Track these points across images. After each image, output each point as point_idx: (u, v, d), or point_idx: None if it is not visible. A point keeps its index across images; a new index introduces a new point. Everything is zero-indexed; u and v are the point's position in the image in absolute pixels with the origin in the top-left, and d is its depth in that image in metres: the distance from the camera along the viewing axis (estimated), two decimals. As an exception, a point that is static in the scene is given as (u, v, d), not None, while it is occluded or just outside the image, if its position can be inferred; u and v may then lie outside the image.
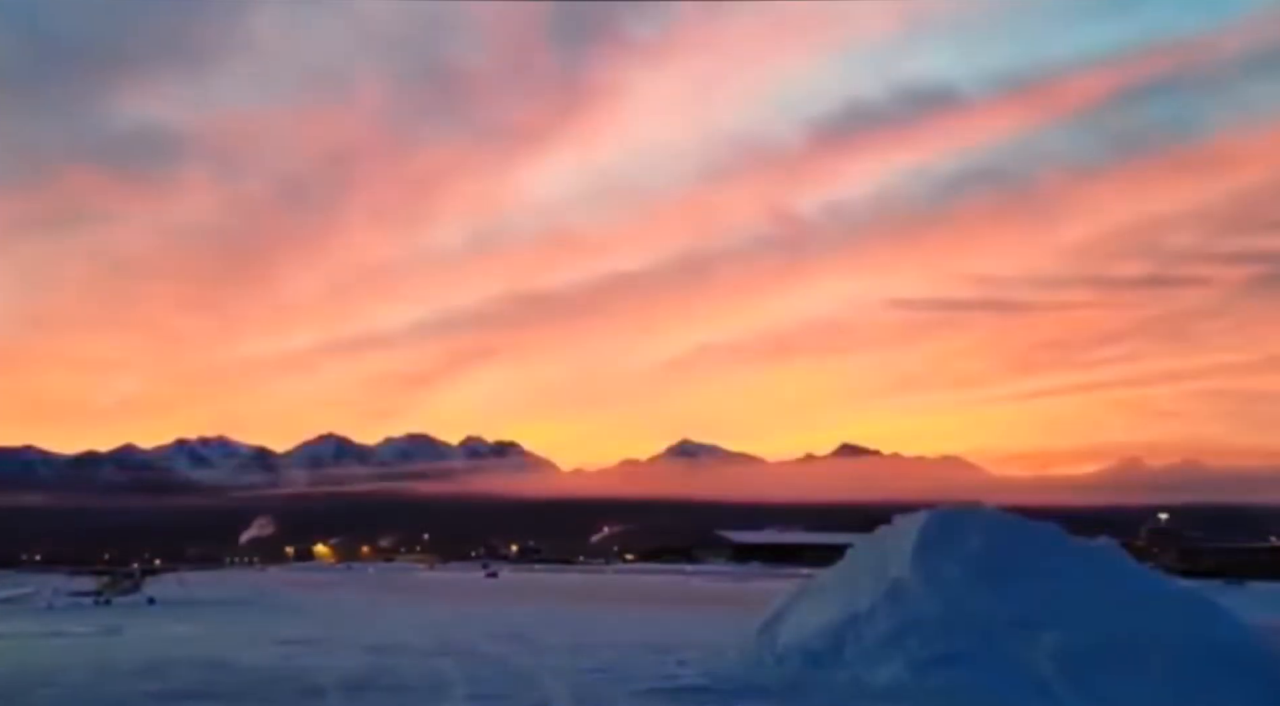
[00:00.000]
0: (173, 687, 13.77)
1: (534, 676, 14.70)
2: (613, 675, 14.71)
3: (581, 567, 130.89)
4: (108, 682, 14.27)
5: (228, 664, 16.52)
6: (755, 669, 14.55)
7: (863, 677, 13.09)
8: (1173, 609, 13.97)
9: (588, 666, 15.79)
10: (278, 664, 16.55)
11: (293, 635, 22.47)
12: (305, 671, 15.38)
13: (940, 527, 15.49)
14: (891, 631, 13.72)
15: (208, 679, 14.61)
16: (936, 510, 16.29)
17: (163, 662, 16.65)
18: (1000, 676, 12.48)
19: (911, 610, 13.97)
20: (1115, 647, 12.54)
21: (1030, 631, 13.01)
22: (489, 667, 15.85)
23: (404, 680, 14.33)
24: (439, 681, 14.18)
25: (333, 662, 16.59)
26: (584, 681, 14.13)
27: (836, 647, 13.95)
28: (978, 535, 15.18)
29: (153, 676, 14.89)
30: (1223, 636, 13.32)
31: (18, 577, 65.28)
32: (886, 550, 15.61)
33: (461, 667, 15.75)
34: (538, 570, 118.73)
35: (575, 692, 13.17)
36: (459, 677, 14.51)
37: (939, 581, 14.30)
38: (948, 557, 14.72)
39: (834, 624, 14.39)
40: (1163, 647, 12.59)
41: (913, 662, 13.01)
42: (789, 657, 14.37)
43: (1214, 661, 12.52)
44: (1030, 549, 15.05)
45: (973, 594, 13.92)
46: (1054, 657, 12.50)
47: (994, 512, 17.51)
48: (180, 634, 23.70)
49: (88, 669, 15.80)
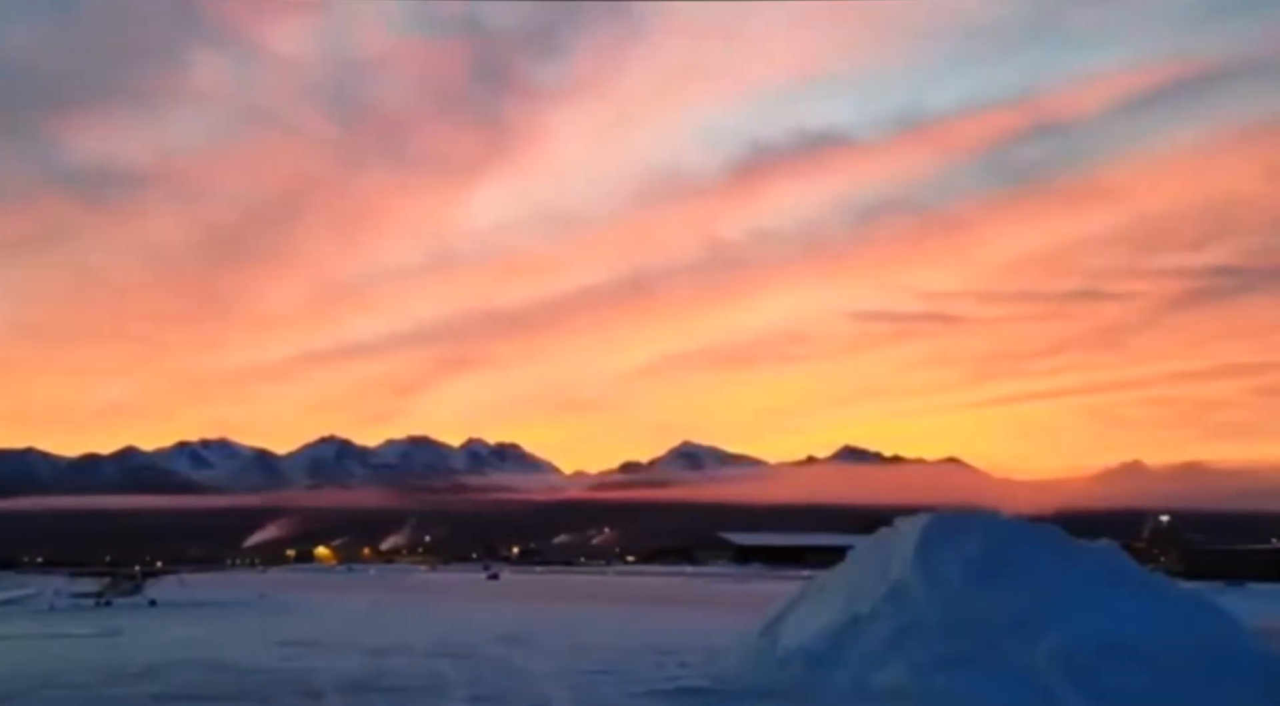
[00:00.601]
0: (174, 689, 13.78)
1: (534, 678, 14.71)
2: (614, 677, 14.72)
3: (582, 569, 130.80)
4: (109, 684, 14.29)
5: (229, 665, 16.54)
6: (756, 671, 14.54)
7: (864, 679, 13.09)
8: (1173, 611, 13.96)
9: (588, 668, 15.80)
10: (279, 665, 16.57)
11: (294, 637, 22.49)
12: (306, 673, 15.40)
13: (941, 530, 15.48)
14: (893, 633, 13.71)
15: (209, 680, 14.63)
16: (937, 513, 16.30)
17: (164, 664, 16.66)
18: (1001, 678, 12.48)
19: (912, 612, 13.97)
20: (1116, 649, 12.54)
21: (1031, 633, 13.00)
22: (489, 669, 15.86)
23: (404, 681, 14.34)
24: (439, 683, 14.19)
25: (334, 664, 16.60)
26: (585, 683, 14.14)
27: (838, 649, 13.94)
28: (978, 538, 15.17)
29: (154, 678, 14.91)
30: (1223, 638, 13.32)
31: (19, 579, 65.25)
32: (888, 552, 15.60)
33: (462, 669, 15.77)
34: (538, 572, 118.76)
35: (576, 694, 13.18)
36: (459, 679, 14.52)
37: (940, 583, 14.29)
38: (949, 560, 14.71)
39: (835, 626, 14.39)
40: (1163, 649, 12.59)
41: (914, 664, 13.01)
42: (790, 659, 14.36)
43: (1215, 663, 12.51)
44: (1031, 551, 15.03)
45: (974, 596, 13.92)
46: (1055, 659, 12.49)
47: (994, 515, 17.53)
48: (181, 635, 23.71)
49: (89, 670, 15.81)
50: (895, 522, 16.61)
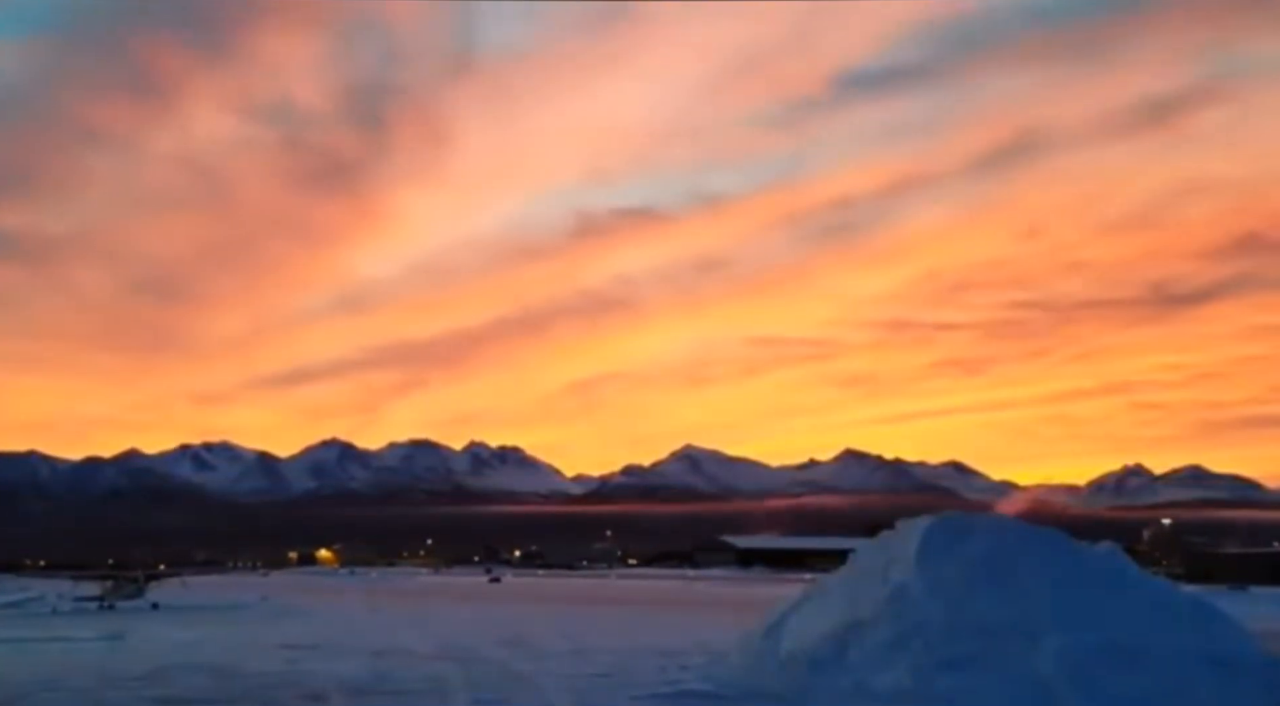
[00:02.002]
0: (177, 693, 13.80)
1: (536, 681, 14.72)
2: (615, 680, 14.72)
3: (584, 572, 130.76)
4: (111, 688, 14.30)
5: (231, 669, 16.55)
6: (758, 674, 14.54)
7: (866, 682, 13.08)
8: (1175, 614, 13.96)
9: (590, 671, 15.81)
10: (281, 669, 16.59)
11: (296, 640, 22.51)
12: (308, 676, 15.41)
13: (943, 533, 15.47)
14: (895, 636, 13.70)
15: (211, 684, 14.64)
16: (939, 515, 16.30)
17: (166, 668, 16.69)
18: (1003, 681, 12.47)
19: (915, 615, 13.96)
20: (1118, 653, 12.54)
21: (1033, 637, 12.99)
22: (491, 672, 15.88)
23: (406, 685, 14.36)
24: (441, 686, 14.20)
25: (336, 667, 16.62)
26: (586, 686, 14.15)
27: (840, 652, 13.94)
28: (980, 540, 15.17)
29: (156, 682, 14.93)
30: (1225, 642, 13.31)
31: (22, 582, 65.31)
32: (890, 555, 15.59)
33: (464, 672, 15.78)
34: (540, 575, 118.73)
35: (577, 698, 13.18)
36: (461, 682, 14.54)
37: (942, 586, 14.28)
38: (951, 563, 14.70)
39: (837, 629, 14.38)
40: (1165, 653, 12.58)
41: (916, 667, 13.00)
42: (792, 662, 14.36)
43: (1216, 667, 12.51)
44: (1033, 554, 15.03)
45: (975, 599, 13.91)
46: (1057, 663, 12.48)
47: (996, 518, 17.54)
48: (184, 639, 23.73)
49: (91, 674, 15.83)
50: (897, 525, 16.61)
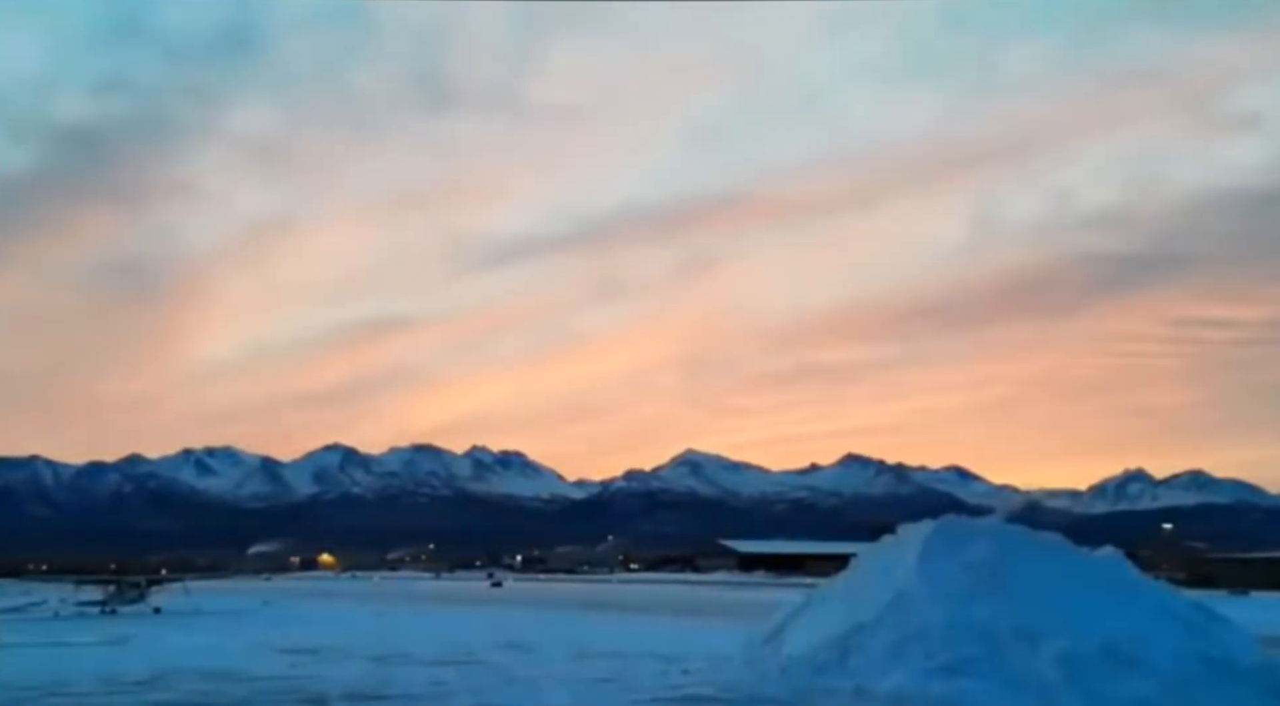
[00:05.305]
0: (178, 698, 13.82)
1: (538, 686, 14.73)
2: (617, 684, 14.73)
3: (586, 577, 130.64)
4: (114, 693, 14.33)
5: (233, 673, 16.56)
6: (760, 678, 14.55)
7: (868, 686, 13.09)
8: (1176, 619, 13.96)
9: (592, 675, 15.81)
10: (283, 673, 16.60)
11: (298, 645, 22.52)
12: (310, 681, 15.43)
13: (944, 537, 15.49)
14: (896, 640, 13.71)
15: (214, 689, 14.65)
16: (941, 520, 16.31)
17: (169, 672, 16.69)
18: (1004, 685, 12.48)
19: (916, 619, 13.97)
20: (1119, 657, 12.54)
21: (1034, 641, 13.00)
22: (493, 677, 15.88)
23: (408, 690, 14.36)
24: (443, 691, 14.21)
25: (338, 672, 16.63)
26: (588, 690, 14.15)
27: (842, 656, 13.95)
28: (981, 545, 15.17)
29: (159, 686, 14.95)
30: (1226, 646, 13.31)
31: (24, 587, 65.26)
32: (891, 560, 15.61)
33: (465, 677, 15.79)
34: (542, 579, 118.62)
35: (579, 702, 13.20)
36: (463, 687, 14.54)
37: (943, 591, 14.29)
38: (952, 568, 14.71)
39: (839, 633, 14.40)
40: (1166, 657, 12.59)
41: (918, 671, 13.01)
42: (794, 667, 14.37)
43: (1217, 671, 12.51)
44: (1033, 558, 15.04)
45: (977, 603, 13.91)
46: (1058, 667, 12.49)
47: (998, 523, 17.54)
48: (186, 643, 23.74)
49: (94, 679, 15.84)
50: (898, 530, 16.63)
